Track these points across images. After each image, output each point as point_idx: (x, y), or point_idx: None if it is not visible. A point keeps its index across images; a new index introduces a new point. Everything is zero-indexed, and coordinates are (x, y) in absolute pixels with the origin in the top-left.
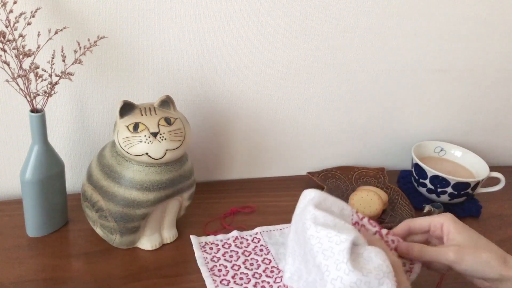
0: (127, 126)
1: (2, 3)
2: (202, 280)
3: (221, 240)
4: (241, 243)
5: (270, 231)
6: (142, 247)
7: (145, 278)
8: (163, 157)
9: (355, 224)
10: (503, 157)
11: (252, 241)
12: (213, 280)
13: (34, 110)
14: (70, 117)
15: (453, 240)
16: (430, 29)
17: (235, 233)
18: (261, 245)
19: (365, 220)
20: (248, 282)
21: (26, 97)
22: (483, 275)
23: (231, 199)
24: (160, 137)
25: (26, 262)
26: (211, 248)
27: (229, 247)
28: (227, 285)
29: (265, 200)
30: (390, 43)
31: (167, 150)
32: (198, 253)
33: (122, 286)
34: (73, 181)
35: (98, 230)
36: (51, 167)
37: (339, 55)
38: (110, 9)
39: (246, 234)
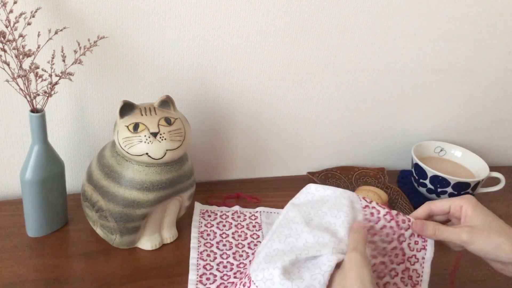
0: (127, 126)
1: (2, 3)
2: None
3: (221, 211)
4: (238, 217)
5: (270, 212)
6: (142, 247)
7: (145, 278)
8: (163, 157)
9: (365, 207)
10: (503, 157)
11: (249, 217)
12: (198, 241)
13: (34, 110)
14: (70, 117)
15: (469, 222)
16: (430, 29)
17: (236, 207)
18: (256, 222)
19: (374, 203)
20: (230, 249)
21: (26, 97)
22: (495, 258)
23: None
24: (160, 137)
25: (26, 262)
26: (209, 216)
27: (225, 218)
28: (209, 247)
29: (265, 200)
30: (390, 43)
31: (167, 150)
32: (195, 217)
33: (122, 286)
34: (73, 181)
35: (98, 230)
36: (51, 167)
37: (339, 55)
38: (110, 9)
39: (246, 210)
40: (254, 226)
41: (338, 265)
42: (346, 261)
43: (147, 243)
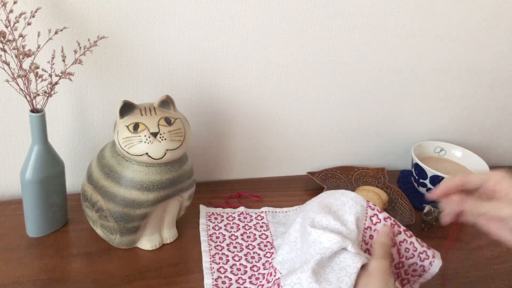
0: (127, 126)
1: (2, 3)
2: (201, 280)
3: (227, 213)
4: (245, 218)
5: (276, 212)
6: (142, 247)
7: (145, 278)
8: (163, 157)
9: (366, 229)
10: (503, 157)
11: (255, 218)
12: (209, 244)
13: (34, 110)
14: (70, 117)
15: (507, 196)
16: (430, 29)
17: (241, 208)
18: (263, 222)
19: (379, 225)
20: (241, 251)
21: (26, 97)
22: None
23: (226, 198)
24: (160, 137)
25: (26, 262)
26: (215, 218)
27: (232, 220)
28: (220, 250)
29: (265, 200)
30: (390, 43)
31: (167, 150)
32: (202, 220)
33: (122, 286)
34: (73, 181)
35: (98, 230)
36: (51, 167)
37: (339, 55)
38: (110, 9)
39: (251, 211)
40: (261, 227)
41: (362, 267)
42: (375, 267)
43: (147, 243)
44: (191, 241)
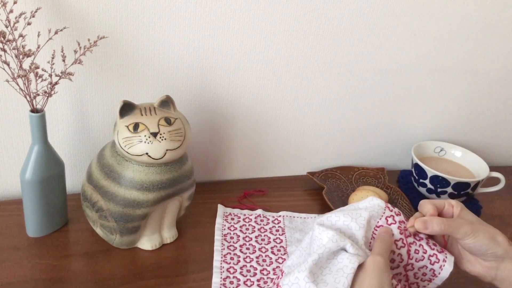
0: (127, 126)
1: (2, 3)
2: (201, 280)
3: (244, 214)
4: (261, 220)
5: (294, 217)
6: (142, 247)
7: (145, 278)
8: (163, 157)
9: (378, 227)
10: (503, 157)
11: (272, 221)
12: (222, 243)
13: (34, 110)
14: (70, 117)
15: (464, 218)
16: (430, 29)
17: (259, 211)
18: (279, 226)
19: (394, 226)
20: (253, 253)
21: (26, 97)
22: (491, 251)
23: (231, 199)
24: (160, 137)
25: (26, 262)
26: (232, 219)
27: (248, 222)
28: (233, 250)
29: (265, 200)
30: (390, 43)
31: (167, 150)
32: (219, 220)
33: (122, 286)
34: (73, 181)
35: (98, 230)
36: (51, 167)
37: (339, 55)
38: (110, 9)
39: (269, 214)
40: (277, 231)
41: (359, 266)
42: (369, 263)
43: (147, 243)
44: (191, 241)
